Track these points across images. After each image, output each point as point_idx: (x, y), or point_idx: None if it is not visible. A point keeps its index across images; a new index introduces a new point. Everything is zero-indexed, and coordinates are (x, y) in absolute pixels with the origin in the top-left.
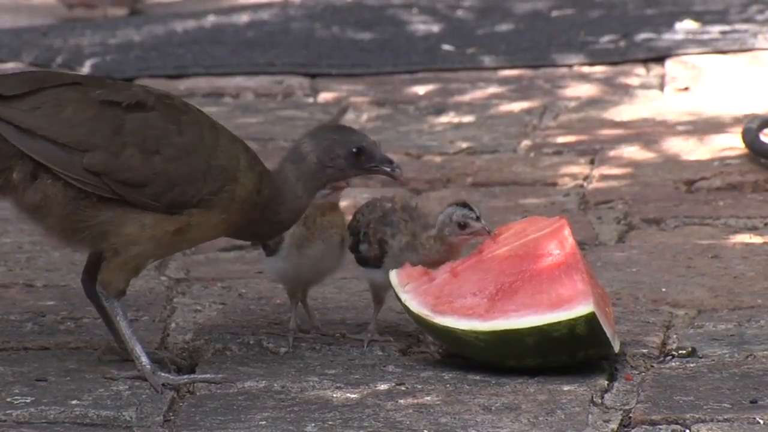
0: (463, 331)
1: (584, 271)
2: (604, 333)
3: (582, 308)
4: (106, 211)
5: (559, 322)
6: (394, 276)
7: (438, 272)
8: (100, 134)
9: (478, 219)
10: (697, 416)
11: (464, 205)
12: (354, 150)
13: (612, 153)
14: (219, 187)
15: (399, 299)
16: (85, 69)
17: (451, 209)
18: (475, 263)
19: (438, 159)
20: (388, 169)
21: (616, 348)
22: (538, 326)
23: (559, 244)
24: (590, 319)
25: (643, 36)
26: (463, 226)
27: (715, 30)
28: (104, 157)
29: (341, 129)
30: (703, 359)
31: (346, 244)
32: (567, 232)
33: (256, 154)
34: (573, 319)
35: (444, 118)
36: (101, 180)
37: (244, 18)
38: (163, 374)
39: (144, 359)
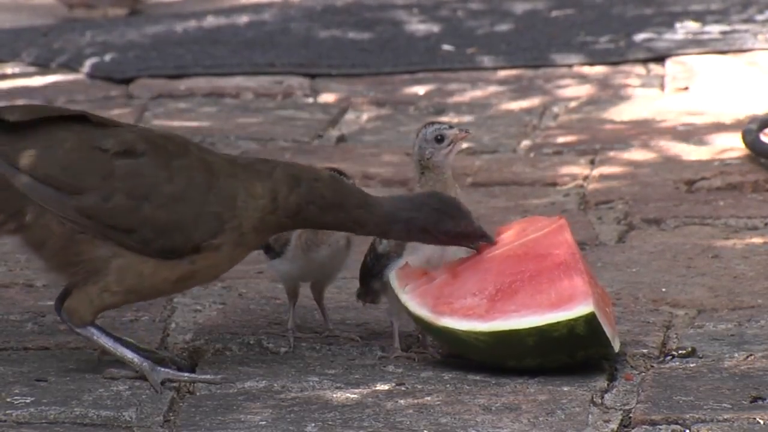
0: (463, 331)
1: (584, 271)
2: (604, 333)
3: (582, 308)
4: (102, 248)
5: (559, 323)
6: (393, 277)
7: (437, 272)
8: (90, 178)
9: (451, 127)
10: (697, 416)
11: (431, 123)
12: (458, 231)
13: (612, 153)
14: (211, 233)
15: (399, 300)
16: (85, 69)
17: (422, 132)
18: (475, 263)
19: None
20: (473, 247)
21: (617, 348)
22: (537, 326)
23: (558, 244)
24: (590, 319)
25: (642, 36)
26: (440, 139)
27: (715, 30)
28: (93, 201)
29: (459, 209)
30: (703, 359)
31: (351, 247)
32: (567, 232)
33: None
34: (573, 319)
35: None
36: (92, 222)
37: (244, 18)
38: (162, 369)
39: (137, 359)
